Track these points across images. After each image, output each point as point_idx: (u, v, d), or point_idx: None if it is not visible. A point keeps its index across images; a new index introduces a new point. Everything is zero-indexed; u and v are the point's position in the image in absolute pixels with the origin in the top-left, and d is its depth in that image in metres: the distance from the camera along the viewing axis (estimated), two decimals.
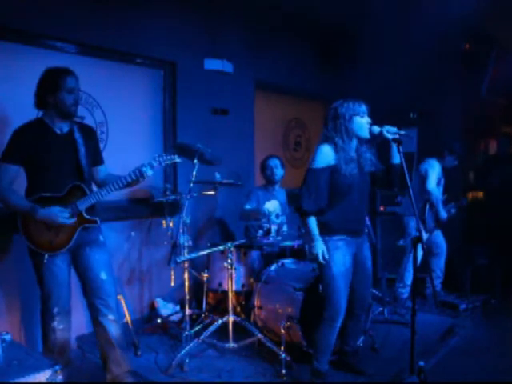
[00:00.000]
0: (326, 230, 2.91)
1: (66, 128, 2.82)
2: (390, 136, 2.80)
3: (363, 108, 2.91)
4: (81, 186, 2.78)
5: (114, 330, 2.86)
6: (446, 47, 5.46)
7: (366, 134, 2.90)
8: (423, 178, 4.62)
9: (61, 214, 2.67)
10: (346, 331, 3.27)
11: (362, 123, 2.89)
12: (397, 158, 2.90)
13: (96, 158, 3.01)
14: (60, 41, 3.71)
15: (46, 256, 2.69)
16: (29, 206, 2.64)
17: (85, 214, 2.78)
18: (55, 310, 2.74)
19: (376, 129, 2.85)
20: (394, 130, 2.80)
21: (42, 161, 2.72)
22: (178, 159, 3.01)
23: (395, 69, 5.25)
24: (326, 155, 2.89)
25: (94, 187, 2.98)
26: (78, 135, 2.83)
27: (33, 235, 2.70)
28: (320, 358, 3.01)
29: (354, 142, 2.95)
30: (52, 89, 2.71)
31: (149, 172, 2.86)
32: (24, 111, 3.53)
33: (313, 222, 2.91)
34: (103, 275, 2.84)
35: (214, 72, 4.84)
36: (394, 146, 2.86)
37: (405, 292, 4.76)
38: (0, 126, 3.40)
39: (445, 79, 5.62)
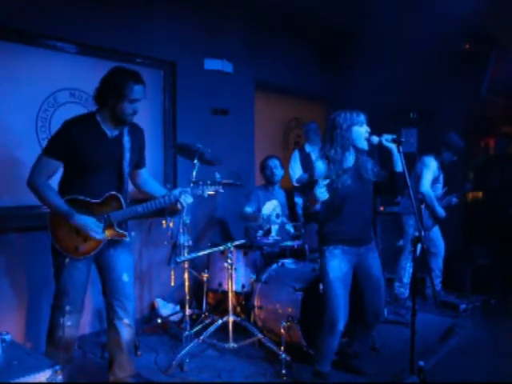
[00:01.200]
0: (322, 241, 2.98)
1: (116, 131, 2.68)
2: (389, 144, 2.80)
3: (361, 118, 2.90)
4: (118, 198, 2.67)
5: (126, 334, 2.82)
6: (446, 47, 5.45)
7: (363, 145, 2.89)
8: (419, 178, 4.60)
9: (95, 228, 2.58)
10: (355, 337, 3.29)
11: (361, 133, 2.87)
12: (399, 166, 2.85)
13: (139, 162, 2.89)
14: (60, 41, 3.71)
15: (68, 259, 2.61)
16: (65, 208, 2.54)
17: (116, 227, 2.68)
18: (67, 307, 2.67)
19: (375, 139, 2.85)
20: (393, 137, 2.79)
21: (85, 161, 2.59)
22: (221, 189, 2.97)
23: (395, 69, 5.24)
24: (319, 170, 2.92)
25: (131, 186, 2.90)
26: (126, 139, 2.70)
27: (60, 236, 2.61)
28: (321, 361, 3.00)
29: (352, 153, 2.94)
30: (115, 94, 2.55)
31: (188, 200, 2.76)
32: (24, 111, 3.55)
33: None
34: (125, 277, 2.78)
35: (214, 72, 4.84)
36: (395, 152, 2.83)
37: (404, 291, 4.76)
38: (0, 126, 3.41)
39: (445, 79, 5.61)
